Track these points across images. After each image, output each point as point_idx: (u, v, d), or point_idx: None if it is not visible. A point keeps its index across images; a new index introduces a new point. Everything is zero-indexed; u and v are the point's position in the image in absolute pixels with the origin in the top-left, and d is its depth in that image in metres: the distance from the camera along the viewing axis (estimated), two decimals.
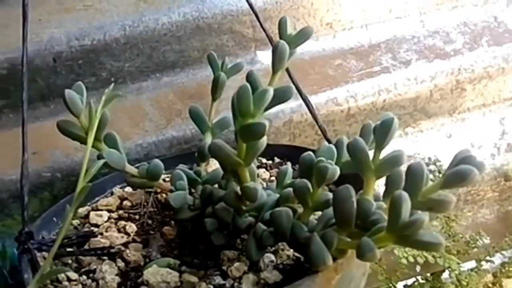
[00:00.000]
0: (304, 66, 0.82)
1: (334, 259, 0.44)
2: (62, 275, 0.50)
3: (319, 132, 0.66)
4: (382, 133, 0.45)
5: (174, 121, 0.77)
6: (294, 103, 0.77)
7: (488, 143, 0.87)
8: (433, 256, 0.70)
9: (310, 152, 0.49)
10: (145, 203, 0.61)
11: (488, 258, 0.79)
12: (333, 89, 0.80)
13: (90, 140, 0.46)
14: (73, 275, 0.50)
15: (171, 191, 0.56)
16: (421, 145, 0.85)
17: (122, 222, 0.57)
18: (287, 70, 0.67)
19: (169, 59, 0.79)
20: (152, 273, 0.48)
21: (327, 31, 0.84)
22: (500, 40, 0.86)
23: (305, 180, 0.47)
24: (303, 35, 0.60)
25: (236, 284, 0.46)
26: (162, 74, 0.80)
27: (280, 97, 0.56)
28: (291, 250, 0.49)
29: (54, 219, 0.59)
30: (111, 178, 0.66)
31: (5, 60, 0.74)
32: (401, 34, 0.86)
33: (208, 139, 0.65)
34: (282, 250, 0.50)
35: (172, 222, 0.57)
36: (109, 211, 0.60)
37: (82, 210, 0.61)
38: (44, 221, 0.58)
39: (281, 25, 0.60)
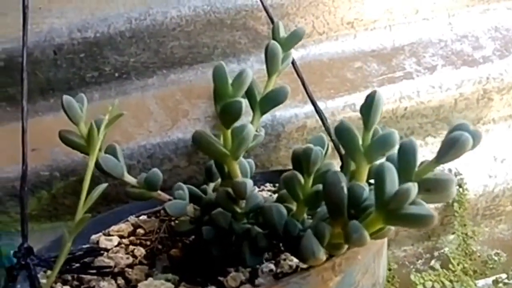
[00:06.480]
0: (322, 68, 0.77)
1: (330, 257, 0.42)
2: None
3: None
4: (368, 109, 0.42)
5: (180, 122, 0.72)
6: (309, 108, 0.73)
7: None
8: (450, 281, 0.67)
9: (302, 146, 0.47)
10: (158, 230, 0.58)
11: (506, 281, 0.75)
12: (352, 94, 0.75)
13: (92, 163, 0.42)
14: None
15: None
16: None
17: (132, 247, 0.55)
18: (297, 72, 0.64)
19: (177, 55, 0.75)
20: (145, 284, 0.46)
21: (348, 30, 0.78)
22: None
23: (295, 171, 0.46)
24: (295, 36, 0.61)
25: None
26: (169, 71, 0.75)
27: (274, 99, 0.56)
28: (294, 261, 0.47)
29: None
30: (129, 208, 0.63)
31: (2, 51, 0.70)
32: (427, 37, 0.80)
33: None
34: (284, 260, 0.48)
35: (180, 244, 0.55)
36: (121, 236, 0.58)
37: (94, 237, 0.58)
38: (54, 243, 0.55)
39: (274, 30, 0.61)
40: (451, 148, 0.37)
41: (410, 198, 0.35)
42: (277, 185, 0.66)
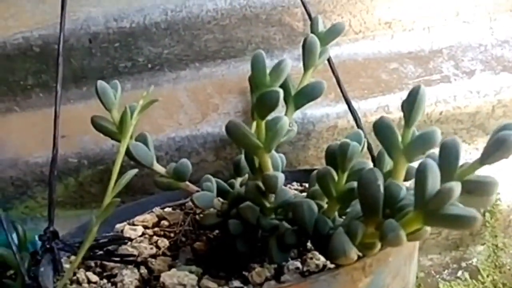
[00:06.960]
0: (356, 67, 0.75)
1: (361, 257, 0.40)
2: (83, 276, 0.48)
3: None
4: (410, 105, 0.41)
5: (210, 116, 0.72)
6: (341, 107, 0.71)
7: None
8: None
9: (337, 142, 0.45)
10: (182, 223, 0.58)
11: None
12: (386, 95, 0.73)
13: (123, 148, 0.42)
14: (94, 277, 0.48)
15: None
16: None
17: (156, 238, 0.55)
18: (333, 69, 0.63)
19: (210, 49, 0.74)
20: (169, 275, 0.45)
21: (385, 30, 0.76)
22: None
23: (329, 167, 0.44)
24: (334, 31, 0.60)
25: None
26: (202, 64, 0.75)
27: (309, 94, 0.54)
28: (321, 260, 0.45)
29: None
30: (154, 199, 0.63)
31: (39, 37, 0.70)
32: (467, 40, 0.78)
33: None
34: (311, 258, 0.46)
35: (204, 237, 0.54)
36: (145, 227, 0.58)
37: (119, 226, 0.58)
38: (79, 230, 0.55)
39: (313, 24, 0.61)
40: (497, 148, 0.35)
41: (453, 198, 0.34)
42: (304, 184, 0.65)
